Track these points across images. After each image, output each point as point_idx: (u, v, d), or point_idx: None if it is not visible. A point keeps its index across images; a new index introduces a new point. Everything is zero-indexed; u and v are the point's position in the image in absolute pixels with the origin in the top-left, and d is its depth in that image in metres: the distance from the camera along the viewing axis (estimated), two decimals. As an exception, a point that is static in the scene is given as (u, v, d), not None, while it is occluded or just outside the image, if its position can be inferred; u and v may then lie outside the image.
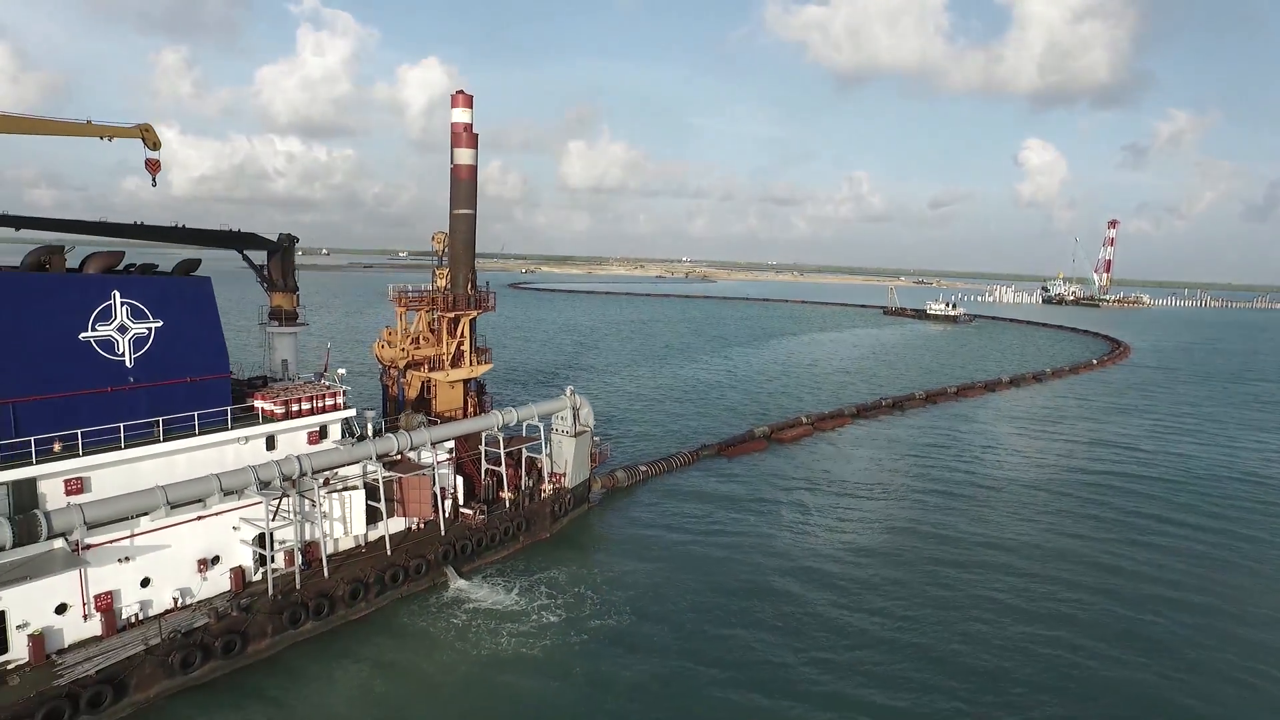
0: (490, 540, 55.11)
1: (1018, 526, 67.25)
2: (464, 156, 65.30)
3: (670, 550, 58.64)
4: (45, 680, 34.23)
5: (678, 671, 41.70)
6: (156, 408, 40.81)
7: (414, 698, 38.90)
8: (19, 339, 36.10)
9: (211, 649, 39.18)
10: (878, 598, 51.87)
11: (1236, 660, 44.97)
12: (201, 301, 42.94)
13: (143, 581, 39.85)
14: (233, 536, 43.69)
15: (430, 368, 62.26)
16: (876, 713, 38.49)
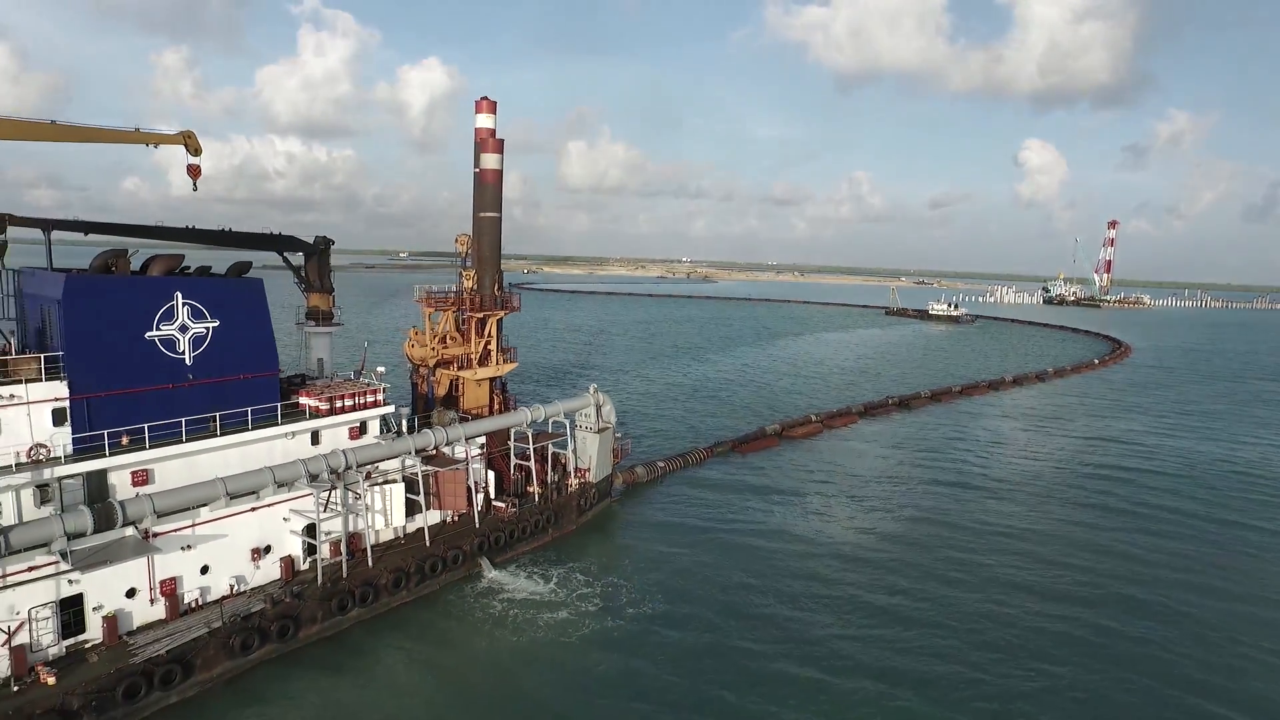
0: (521, 532, 57.25)
1: (1028, 515, 69.58)
2: (490, 161, 67.43)
3: (693, 541, 60.80)
4: (122, 659, 36.37)
5: (709, 649, 43.85)
6: (212, 403, 42.92)
7: (457, 681, 41.03)
8: (96, 338, 38.24)
9: (268, 633, 41.34)
10: (898, 579, 54.30)
11: (1237, 634, 47.15)
12: (254, 302, 45.05)
13: (202, 569, 41.97)
14: (283, 527, 45.81)
15: (459, 366, 64.36)
16: (899, 679, 40.63)
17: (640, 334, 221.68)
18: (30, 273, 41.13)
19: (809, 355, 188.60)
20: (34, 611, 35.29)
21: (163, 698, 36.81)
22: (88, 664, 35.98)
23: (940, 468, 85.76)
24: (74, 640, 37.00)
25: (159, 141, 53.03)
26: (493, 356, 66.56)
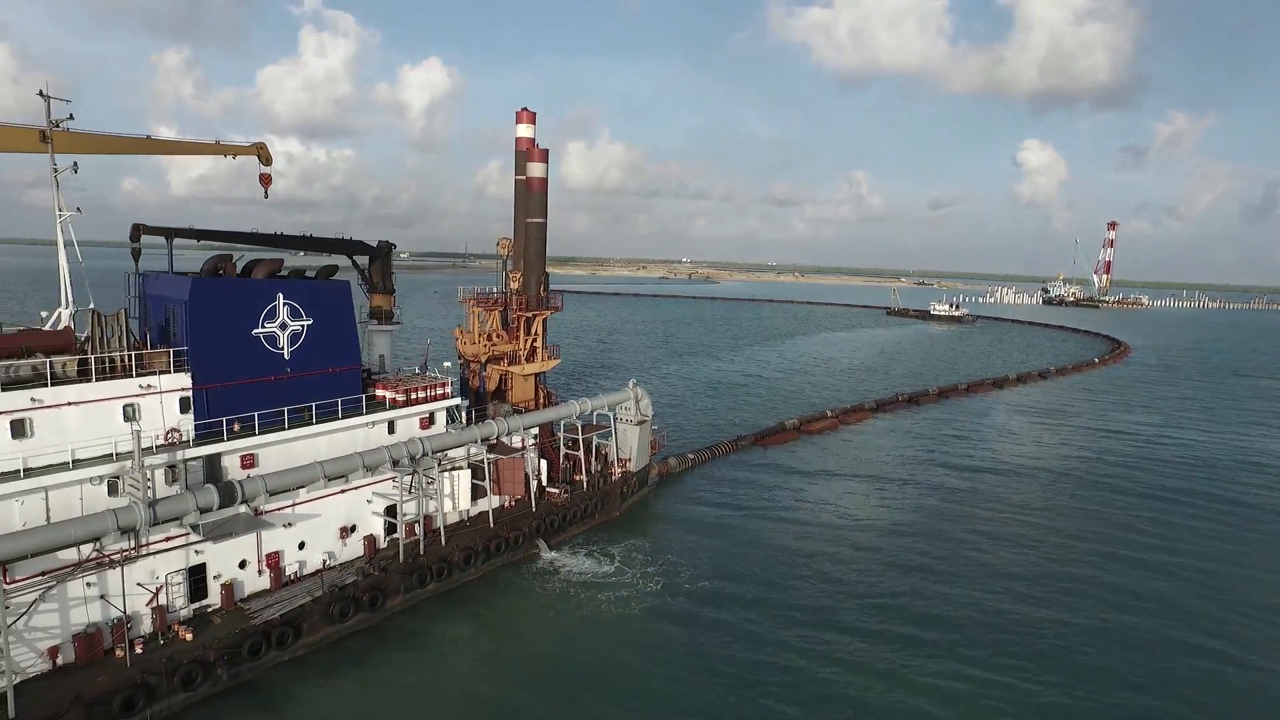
0: (572, 517, 61.65)
1: (1039, 500, 74.26)
2: (536, 170, 71.83)
3: (727, 525, 65.27)
4: (243, 621, 40.74)
5: (756, 619, 48.24)
6: (306, 395, 47.25)
7: (528, 649, 45.30)
8: (214, 335, 42.57)
9: (360, 602, 45.68)
10: (922, 558, 58.71)
11: (1235, 604, 51.66)
12: (341, 303, 49.38)
13: (300, 544, 46.31)
14: (366, 508, 50.16)
15: (509, 362, 68.71)
16: (920, 645, 45.05)
17: (653, 334, 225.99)
18: (155, 276, 45.45)
19: (817, 354, 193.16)
20: (169, 577, 39.66)
21: (278, 656, 41.20)
22: (213, 625, 40.33)
23: (952, 458, 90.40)
24: (199, 604, 41.34)
25: (237, 153, 57.36)
26: (538, 353, 70.92)
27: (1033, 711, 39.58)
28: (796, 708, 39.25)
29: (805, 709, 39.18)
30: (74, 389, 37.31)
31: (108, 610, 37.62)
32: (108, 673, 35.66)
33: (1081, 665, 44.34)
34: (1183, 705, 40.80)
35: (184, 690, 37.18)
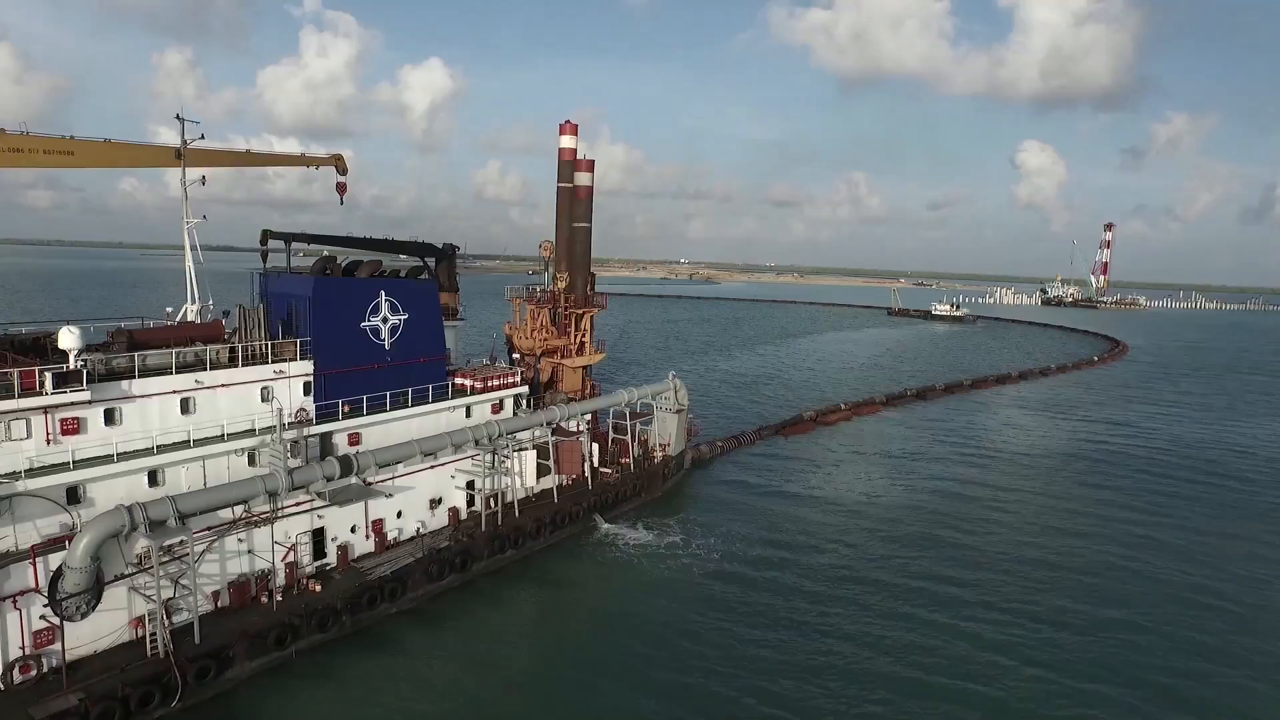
0: (622, 495, 67.72)
1: (1041, 481, 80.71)
2: (583, 179, 77.98)
3: (762, 502, 71.45)
4: (359, 577, 46.76)
5: (793, 579, 54.35)
6: (402, 381, 53.23)
7: (600, 608, 51.34)
8: (332, 327, 48.58)
9: (453, 564, 51.71)
10: (934, 528, 64.91)
11: (1223, 562, 57.89)
12: (430, 300, 55.39)
13: (398, 513, 52.35)
14: (450, 483, 56.19)
15: (560, 355, 74.78)
16: (930, 597, 51.16)
17: (666, 333, 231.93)
18: (276, 275, 51.46)
19: (825, 352, 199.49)
20: (299, 537, 45.68)
21: (388, 608, 47.18)
22: (334, 581, 46.33)
23: (960, 446, 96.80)
24: (320, 562, 47.36)
25: (318, 164, 63.35)
26: (586, 348, 77.00)
27: (1024, 638, 45.73)
28: (826, 650, 45.37)
29: (835, 650, 45.28)
30: (225, 373, 43.32)
31: (254, 563, 43.62)
32: (260, 614, 41.72)
33: (1089, 611, 50.52)
34: (1174, 640, 46.96)
35: (319, 632, 43.20)
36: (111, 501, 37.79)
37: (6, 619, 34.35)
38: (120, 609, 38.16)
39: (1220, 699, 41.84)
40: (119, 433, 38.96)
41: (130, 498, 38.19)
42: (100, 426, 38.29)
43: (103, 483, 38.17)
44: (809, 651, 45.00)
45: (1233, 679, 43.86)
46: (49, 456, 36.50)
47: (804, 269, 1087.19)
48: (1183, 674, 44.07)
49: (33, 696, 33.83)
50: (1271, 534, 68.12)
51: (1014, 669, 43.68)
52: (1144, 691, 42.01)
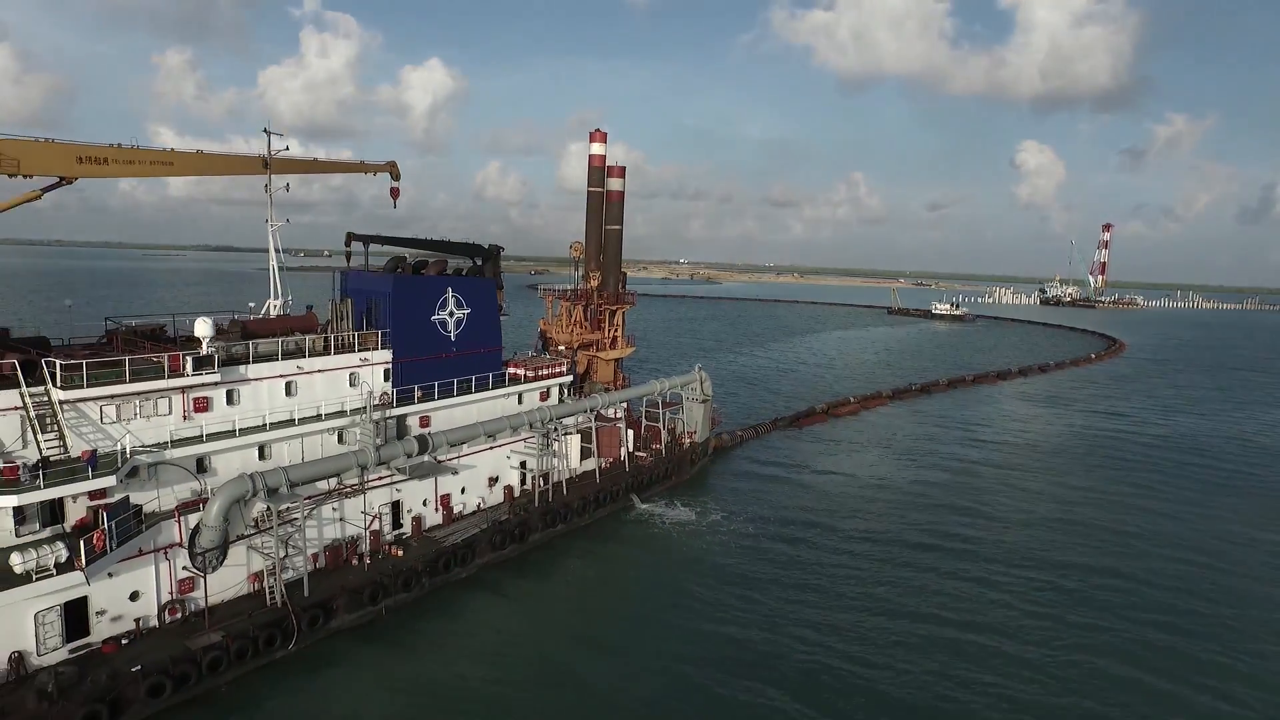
0: (655, 477, 73.21)
1: (1042, 464, 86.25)
2: (615, 184, 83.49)
3: (783, 486, 77.00)
4: (433, 546, 52.19)
5: (816, 553, 59.87)
6: (465, 369, 58.67)
7: (643, 576, 56.73)
8: (408, 319, 54.03)
9: (513, 535, 57.17)
10: (941, 507, 70.47)
11: (1211, 534, 63.52)
12: (489, 295, 60.83)
13: (462, 489, 57.83)
14: (506, 463, 61.66)
15: (595, 349, 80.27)
16: (932, 564, 56.69)
17: (676, 331, 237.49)
18: (355, 273, 56.91)
19: (830, 349, 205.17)
20: (380, 508, 51.15)
21: (458, 573, 52.60)
22: (410, 547, 51.78)
23: (965, 436, 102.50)
24: (397, 531, 52.83)
25: (376, 170, 68.51)
26: (618, 342, 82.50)
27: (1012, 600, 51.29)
28: (849, 605, 50.93)
29: (854, 605, 50.84)
30: (320, 360, 48.75)
31: (344, 530, 49.09)
32: (353, 574, 47.19)
33: (1088, 583, 56.13)
34: (1170, 600, 52.56)
35: (404, 591, 48.61)
36: (230, 472, 43.24)
37: (158, 568, 39.79)
38: (240, 565, 43.60)
39: (1202, 631, 47.38)
40: (237, 411, 44.36)
41: (244, 469, 43.65)
42: (224, 405, 43.72)
43: (224, 455, 43.58)
44: (837, 609, 50.53)
45: (1216, 618, 49.45)
46: (183, 431, 41.90)
47: (803, 269, 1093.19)
48: (1170, 611, 49.61)
49: (183, 633, 39.33)
50: (1252, 506, 73.86)
51: (1018, 614, 49.24)
52: (1138, 631, 47.54)
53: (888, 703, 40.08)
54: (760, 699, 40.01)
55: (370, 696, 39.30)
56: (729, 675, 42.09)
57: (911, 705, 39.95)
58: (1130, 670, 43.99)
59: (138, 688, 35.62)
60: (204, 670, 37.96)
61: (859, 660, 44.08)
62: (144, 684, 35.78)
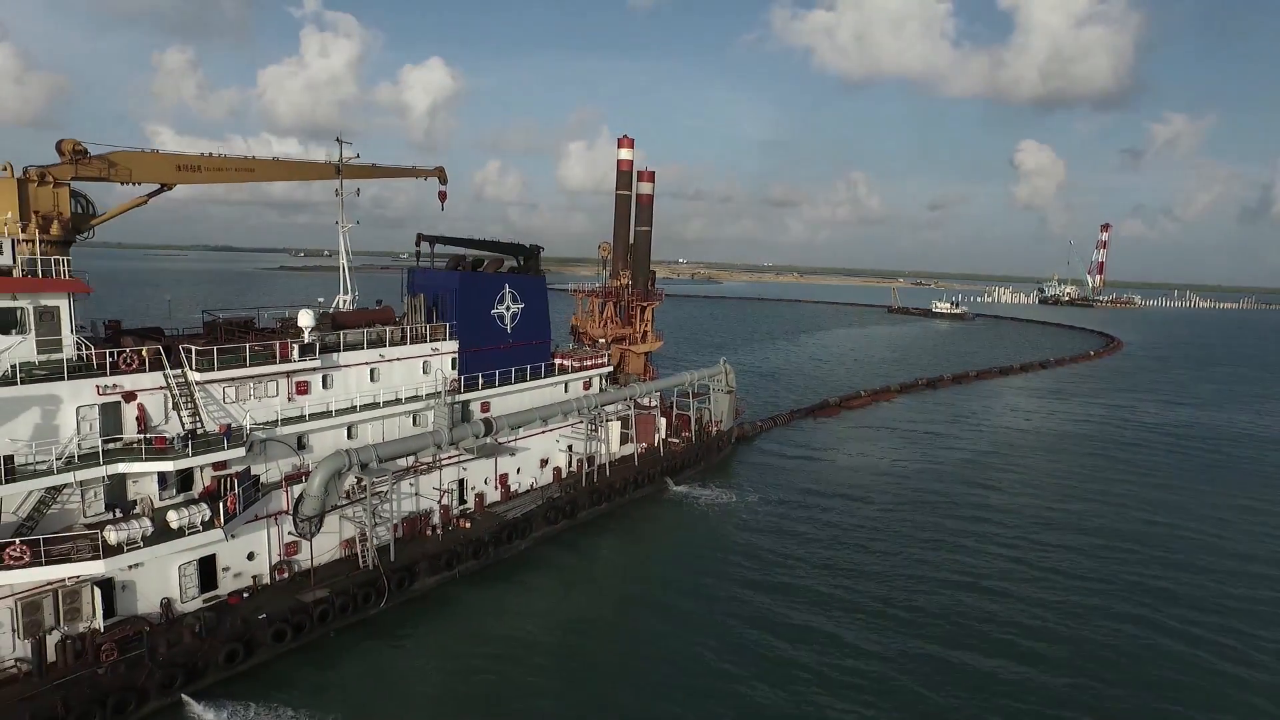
0: (686, 462, 78.33)
1: (1043, 452, 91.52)
2: (645, 188, 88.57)
3: (803, 470, 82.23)
4: (495, 520, 57.23)
5: (837, 530, 65.05)
6: (519, 359, 63.72)
7: (682, 548, 61.92)
8: (471, 313, 59.09)
9: (564, 511, 62.26)
10: (951, 488, 75.76)
11: (1201, 512, 68.76)
12: (540, 292, 65.88)
13: (517, 469, 62.92)
14: (555, 446, 66.75)
15: (628, 343, 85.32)
16: (950, 533, 61.87)
17: (686, 330, 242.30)
18: (422, 270, 61.98)
19: (836, 347, 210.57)
20: (450, 485, 56.24)
21: (518, 544, 57.64)
22: (476, 521, 56.85)
23: (972, 426, 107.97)
24: (461, 507, 57.91)
25: (425, 175, 73.44)
26: (648, 336, 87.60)
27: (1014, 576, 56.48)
28: (859, 572, 56.14)
29: (873, 573, 56.03)
30: (398, 349, 53.80)
31: (419, 504, 54.17)
32: (429, 544, 52.29)
33: (1088, 573, 61.37)
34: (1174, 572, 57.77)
35: (474, 559, 53.69)
36: (324, 449, 48.26)
37: (269, 532, 44.86)
38: (334, 533, 48.66)
39: (1189, 589, 52.59)
40: (331, 394, 49.39)
41: (335, 446, 48.68)
42: (320, 389, 48.73)
43: (319, 433, 48.59)
44: (856, 576, 55.74)
45: (1204, 578, 54.70)
46: (287, 411, 46.92)
47: (803, 269, 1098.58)
48: (1167, 575, 54.81)
49: (293, 589, 44.41)
50: (1241, 486, 79.18)
51: (1021, 581, 54.43)
52: (1121, 580, 52.77)
53: (907, 635, 45.25)
54: (796, 648, 45.18)
55: (451, 649, 44.35)
56: (764, 628, 47.28)
57: (927, 633, 45.15)
58: (1135, 609, 49.26)
59: (265, 632, 40.71)
60: (315, 620, 43.05)
61: (879, 603, 49.31)
62: (269, 630, 40.87)
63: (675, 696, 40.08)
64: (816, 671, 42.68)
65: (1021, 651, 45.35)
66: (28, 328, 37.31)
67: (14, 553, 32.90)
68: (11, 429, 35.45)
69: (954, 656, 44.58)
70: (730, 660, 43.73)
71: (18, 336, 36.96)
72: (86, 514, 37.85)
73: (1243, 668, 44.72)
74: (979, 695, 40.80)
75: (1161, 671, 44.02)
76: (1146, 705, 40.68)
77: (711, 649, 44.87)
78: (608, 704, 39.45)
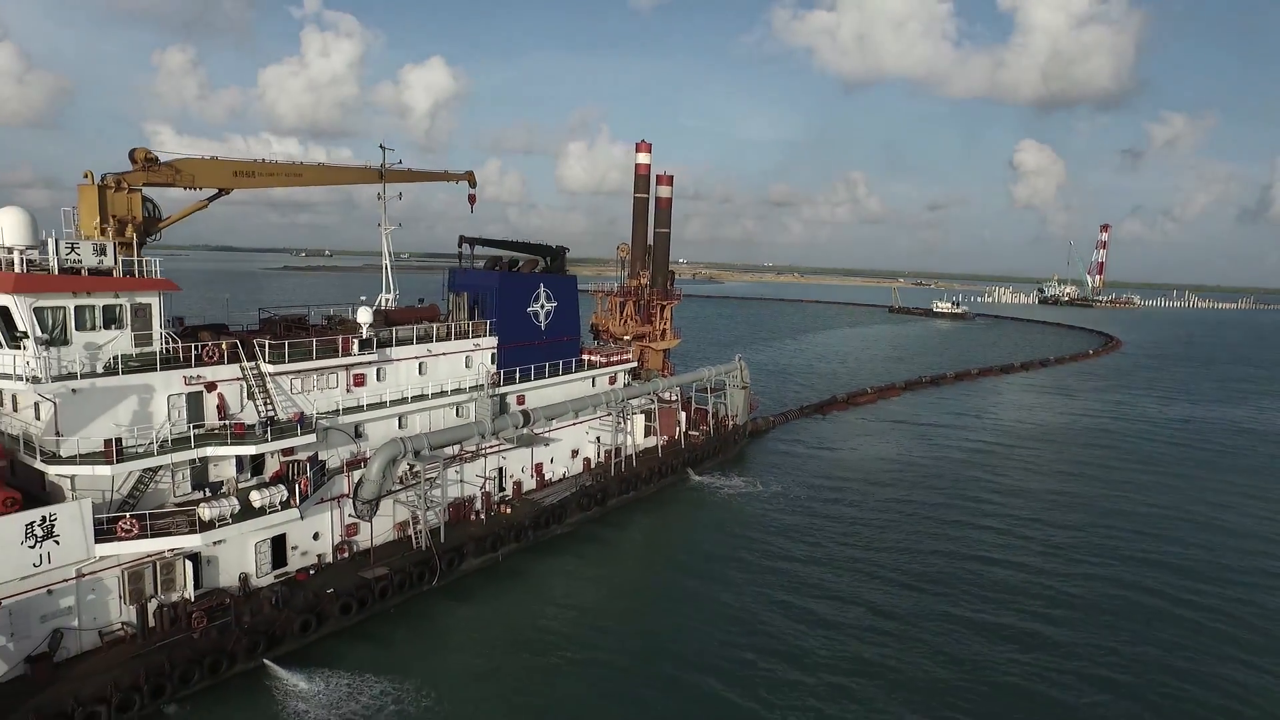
0: (705, 454, 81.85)
1: (1044, 443, 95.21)
2: (664, 191, 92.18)
3: (817, 461, 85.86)
4: (532, 506, 60.68)
5: (854, 513, 68.59)
6: (552, 355, 67.18)
7: (716, 533, 65.42)
8: (510, 311, 62.55)
9: (595, 498, 65.74)
10: (964, 477, 79.38)
11: (1200, 498, 72.37)
12: (571, 290, 69.36)
13: (550, 459, 66.39)
14: (585, 437, 70.22)
15: (648, 340, 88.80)
16: (957, 519, 65.40)
17: (692, 329, 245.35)
18: (463, 271, 65.44)
19: (839, 346, 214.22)
20: (490, 472, 59.71)
21: (554, 529, 61.10)
22: (515, 506, 60.31)
23: (976, 420, 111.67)
24: (501, 494, 61.37)
25: (457, 179, 76.75)
26: (667, 334, 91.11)
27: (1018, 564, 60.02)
28: (881, 550, 59.72)
29: (887, 548, 59.60)
30: (443, 345, 57.25)
31: (464, 490, 57.63)
32: (474, 527, 55.76)
33: (1094, 557, 64.94)
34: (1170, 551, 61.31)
35: (515, 542, 57.16)
36: (378, 438, 51.70)
37: (332, 514, 48.33)
38: (387, 516, 52.11)
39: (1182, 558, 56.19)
40: (384, 386, 52.87)
41: (387, 435, 52.11)
42: (374, 381, 52.23)
43: (373, 423, 52.04)
44: (874, 549, 59.31)
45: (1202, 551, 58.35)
46: (346, 402, 50.37)
47: (803, 269, 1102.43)
48: (1171, 549, 58.41)
49: (354, 567, 47.89)
50: (1237, 475, 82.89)
51: (1027, 556, 58.00)
52: (1133, 571, 56.34)
53: (906, 591, 48.84)
54: (812, 616, 48.74)
55: (496, 621, 47.87)
56: (787, 598, 50.84)
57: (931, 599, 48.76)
58: (1141, 596, 52.85)
59: (333, 605, 44.15)
60: (376, 596, 46.50)
61: (894, 572, 52.91)
62: (338, 603, 44.31)
63: (713, 656, 43.63)
64: (834, 625, 46.37)
65: (1035, 610, 49.03)
66: (125, 323, 40.74)
67: (125, 526, 36.35)
68: (115, 415, 38.93)
69: (971, 616, 48.31)
70: (760, 632, 47.31)
71: (117, 331, 40.40)
72: (175, 494, 41.29)
73: (1242, 629, 48.58)
74: (993, 653, 44.36)
75: (1168, 632, 47.74)
76: (1153, 658, 44.26)
77: (742, 623, 48.46)
78: (651, 667, 42.96)
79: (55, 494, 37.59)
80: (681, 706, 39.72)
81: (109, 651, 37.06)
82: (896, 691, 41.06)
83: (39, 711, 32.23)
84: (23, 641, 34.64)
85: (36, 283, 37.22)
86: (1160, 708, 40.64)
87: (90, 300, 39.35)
